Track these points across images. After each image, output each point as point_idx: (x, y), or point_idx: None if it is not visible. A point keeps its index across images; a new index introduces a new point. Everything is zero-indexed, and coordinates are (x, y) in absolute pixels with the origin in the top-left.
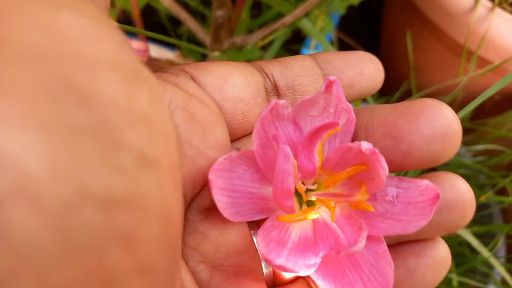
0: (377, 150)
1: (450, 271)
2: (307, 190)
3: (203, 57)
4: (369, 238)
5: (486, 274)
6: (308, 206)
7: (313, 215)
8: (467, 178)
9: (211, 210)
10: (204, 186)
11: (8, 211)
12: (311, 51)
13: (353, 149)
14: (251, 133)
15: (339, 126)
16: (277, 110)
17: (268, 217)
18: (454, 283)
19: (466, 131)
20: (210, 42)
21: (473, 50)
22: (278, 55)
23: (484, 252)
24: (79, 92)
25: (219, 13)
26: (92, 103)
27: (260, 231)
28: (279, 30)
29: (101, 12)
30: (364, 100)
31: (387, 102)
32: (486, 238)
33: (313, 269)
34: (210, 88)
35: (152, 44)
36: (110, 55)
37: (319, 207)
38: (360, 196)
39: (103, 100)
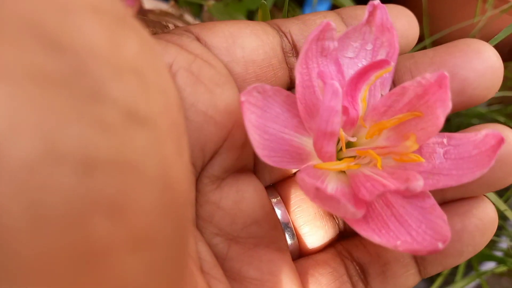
0: (446, 73)
1: None
2: (346, 144)
3: (200, 7)
4: (414, 195)
5: (499, 227)
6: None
7: (354, 165)
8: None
9: (224, 180)
10: (214, 154)
11: None
12: None
13: (408, 91)
14: None
15: (391, 66)
16: (323, 42)
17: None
18: None
19: None
20: None
21: None
22: (281, 2)
23: (500, 205)
24: (50, 37)
25: None
26: (66, 49)
27: (298, 175)
28: None
29: None
30: None
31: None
32: (500, 190)
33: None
34: (217, 50)
35: None
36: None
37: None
38: (409, 144)
39: (80, 47)
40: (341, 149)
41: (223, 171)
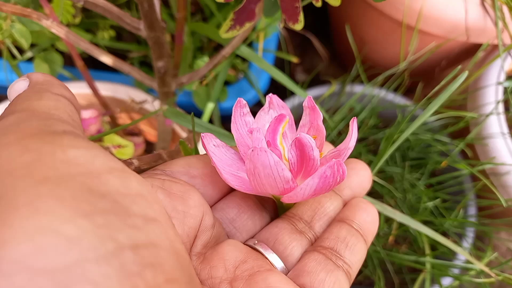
0: (311, 98)
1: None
2: None
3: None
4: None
5: (460, 234)
6: None
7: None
8: (428, 145)
9: (206, 253)
10: (195, 237)
11: None
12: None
13: (304, 127)
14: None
15: (287, 117)
16: (245, 117)
17: None
18: (426, 251)
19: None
20: (158, 87)
21: (412, 24)
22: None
23: (450, 245)
24: (96, 192)
25: (160, 64)
26: (104, 195)
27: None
28: (221, 62)
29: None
30: None
31: (344, 79)
32: (459, 196)
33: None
34: (178, 174)
35: (104, 83)
36: (107, 165)
37: None
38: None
39: (110, 192)
40: None
41: (203, 248)
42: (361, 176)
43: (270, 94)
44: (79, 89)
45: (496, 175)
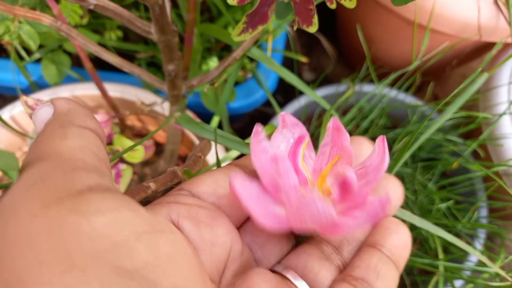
0: (337, 119)
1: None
2: None
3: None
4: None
5: (471, 235)
6: None
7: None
8: (438, 145)
9: (236, 282)
10: (225, 268)
11: None
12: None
13: (326, 148)
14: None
15: (307, 138)
16: (262, 144)
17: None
18: (440, 255)
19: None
20: (168, 90)
21: (423, 23)
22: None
23: (468, 249)
24: (124, 272)
25: (170, 67)
26: (133, 275)
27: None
28: (232, 65)
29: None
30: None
31: (353, 79)
32: (469, 196)
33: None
34: (205, 195)
35: (112, 84)
36: (134, 231)
37: None
38: (340, 169)
39: (138, 268)
40: None
41: (232, 277)
42: (393, 193)
43: (282, 113)
44: (88, 90)
45: (509, 176)
